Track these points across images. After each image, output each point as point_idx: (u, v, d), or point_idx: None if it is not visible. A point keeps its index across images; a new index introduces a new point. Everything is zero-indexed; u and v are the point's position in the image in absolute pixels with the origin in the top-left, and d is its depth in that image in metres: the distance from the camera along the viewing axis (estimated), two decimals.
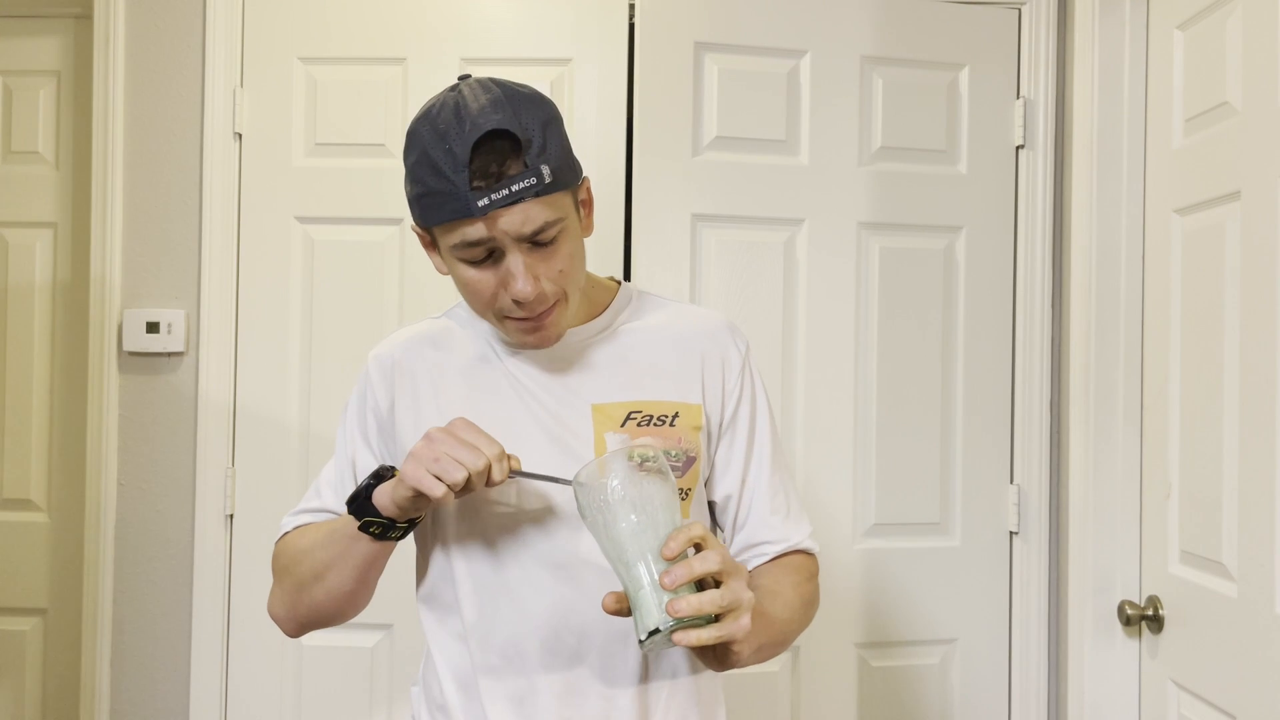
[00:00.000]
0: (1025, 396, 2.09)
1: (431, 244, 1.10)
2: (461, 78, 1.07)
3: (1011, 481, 2.11)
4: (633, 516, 0.93)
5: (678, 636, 0.91)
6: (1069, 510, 1.98)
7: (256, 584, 2.02)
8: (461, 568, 1.12)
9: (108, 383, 2.04)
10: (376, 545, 1.07)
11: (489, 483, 0.98)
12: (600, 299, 1.20)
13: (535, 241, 1.03)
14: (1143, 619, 1.83)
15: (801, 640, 1.96)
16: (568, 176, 1.05)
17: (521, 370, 1.15)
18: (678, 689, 1.12)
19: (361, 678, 2.02)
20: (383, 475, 1.05)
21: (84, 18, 2.17)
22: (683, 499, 1.12)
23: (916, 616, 2.09)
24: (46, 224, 2.24)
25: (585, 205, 1.12)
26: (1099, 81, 1.92)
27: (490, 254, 1.03)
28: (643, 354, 1.16)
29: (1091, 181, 1.93)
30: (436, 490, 0.96)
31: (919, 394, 2.09)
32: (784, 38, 2.04)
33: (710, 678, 1.18)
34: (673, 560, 0.91)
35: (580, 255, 1.09)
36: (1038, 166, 2.09)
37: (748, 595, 0.93)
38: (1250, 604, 1.54)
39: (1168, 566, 1.79)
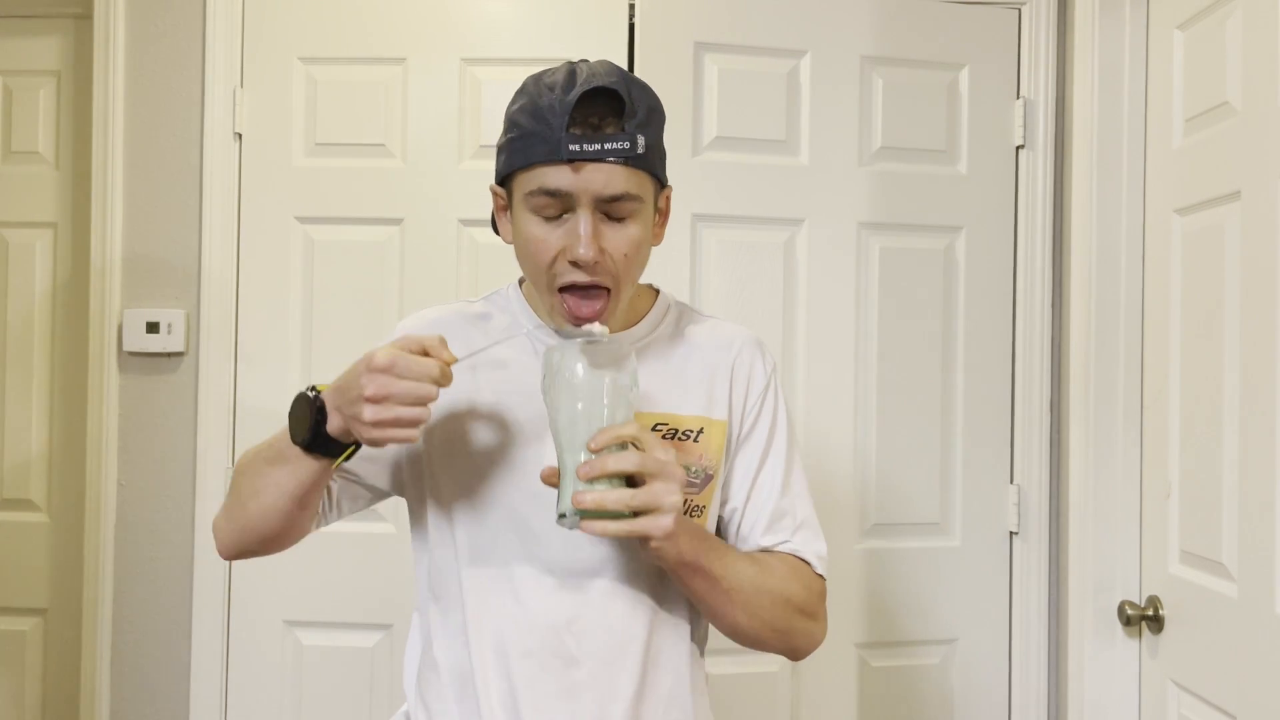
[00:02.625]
0: (1025, 396, 2.09)
1: (505, 206, 1.10)
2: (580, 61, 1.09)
3: (1011, 481, 2.11)
4: (578, 404, 0.97)
5: (585, 524, 0.95)
6: (1069, 510, 1.98)
7: (257, 584, 2.01)
8: (467, 564, 1.11)
9: (108, 383, 2.04)
10: (324, 462, 1.04)
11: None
12: (639, 306, 1.19)
13: (609, 213, 1.04)
14: (1143, 619, 1.83)
15: None
16: (658, 164, 1.07)
17: None
18: (673, 706, 1.12)
19: (361, 678, 2.02)
20: (317, 397, 1.02)
21: (84, 18, 2.17)
22: (697, 516, 1.12)
23: (916, 616, 2.09)
24: (46, 224, 2.23)
25: (662, 214, 1.13)
26: (1099, 81, 1.92)
27: (562, 214, 1.04)
28: (676, 366, 1.16)
29: (1091, 181, 1.93)
30: (415, 437, 0.97)
31: (919, 394, 2.09)
32: (784, 38, 2.04)
33: (707, 699, 1.18)
34: (597, 454, 0.95)
35: (645, 252, 1.09)
36: (1038, 166, 2.09)
37: (671, 500, 0.96)
38: (1250, 604, 1.54)
39: (1168, 566, 1.79)
